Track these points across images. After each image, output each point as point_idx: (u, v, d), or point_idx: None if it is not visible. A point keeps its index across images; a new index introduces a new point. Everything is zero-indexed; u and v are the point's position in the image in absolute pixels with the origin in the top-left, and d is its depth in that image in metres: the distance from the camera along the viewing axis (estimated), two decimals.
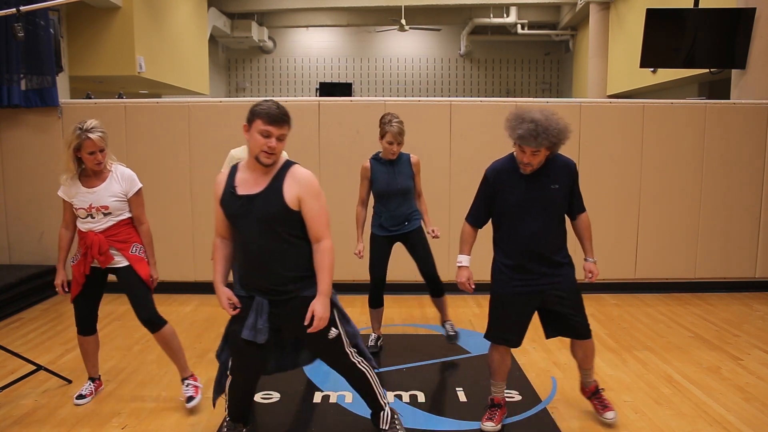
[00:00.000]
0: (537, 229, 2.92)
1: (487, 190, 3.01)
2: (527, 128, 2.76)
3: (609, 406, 3.17)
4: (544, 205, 2.93)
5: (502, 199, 2.96)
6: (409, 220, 4.03)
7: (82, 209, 3.21)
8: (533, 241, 2.93)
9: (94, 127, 3.13)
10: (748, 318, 5.08)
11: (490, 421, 3.09)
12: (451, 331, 4.23)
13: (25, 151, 5.69)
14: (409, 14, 15.16)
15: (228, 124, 5.62)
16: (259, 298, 2.59)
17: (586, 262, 3.11)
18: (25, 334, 4.57)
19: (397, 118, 3.93)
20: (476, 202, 3.08)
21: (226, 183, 2.63)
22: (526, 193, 2.92)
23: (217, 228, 2.74)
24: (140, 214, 3.32)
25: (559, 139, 2.81)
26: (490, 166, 3.05)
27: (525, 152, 2.84)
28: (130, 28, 9.62)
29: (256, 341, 2.57)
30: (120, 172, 3.28)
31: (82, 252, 3.23)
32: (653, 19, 6.88)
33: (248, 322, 2.57)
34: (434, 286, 4.13)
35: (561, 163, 2.98)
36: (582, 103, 5.76)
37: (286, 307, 2.60)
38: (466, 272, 3.08)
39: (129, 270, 3.25)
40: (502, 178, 2.97)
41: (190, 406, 3.27)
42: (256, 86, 18.57)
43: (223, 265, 2.73)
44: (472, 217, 3.10)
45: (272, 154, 2.50)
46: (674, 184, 5.80)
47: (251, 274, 2.61)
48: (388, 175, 3.97)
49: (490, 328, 3.09)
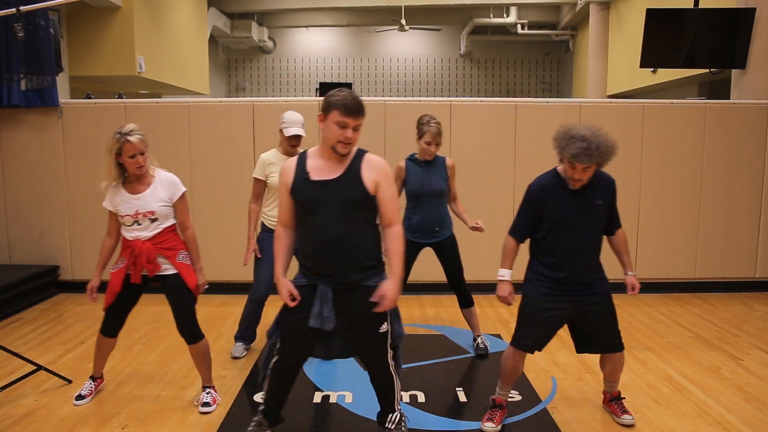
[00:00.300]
0: (579, 243, 2.96)
1: (532, 205, 3.04)
2: (580, 147, 2.80)
3: (628, 411, 3.18)
4: (587, 220, 2.97)
5: (546, 213, 2.99)
6: (441, 225, 3.99)
7: (128, 216, 3.16)
8: (575, 255, 2.96)
9: (133, 130, 3.09)
10: (748, 318, 5.08)
11: (491, 421, 3.09)
12: (482, 347, 4.16)
13: (25, 151, 5.69)
14: (409, 14, 15.16)
15: (228, 124, 5.62)
16: (323, 287, 2.60)
17: (628, 276, 3.12)
18: (25, 334, 4.57)
19: (435, 119, 3.92)
20: (520, 216, 3.10)
21: (297, 170, 2.63)
22: (571, 208, 2.95)
23: (282, 217, 2.72)
24: (185, 219, 3.29)
25: (609, 155, 2.85)
26: (534, 182, 3.08)
27: (576, 169, 2.87)
28: (130, 28, 9.62)
29: (324, 329, 2.59)
30: (164, 177, 3.25)
31: (128, 261, 3.17)
32: (653, 19, 6.88)
33: (314, 311, 2.58)
34: (463, 296, 4.12)
35: (603, 180, 3.02)
36: (582, 103, 5.76)
37: (350, 295, 2.62)
38: (507, 286, 3.08)
39: (177, 279, 3.21)
40: (548, 193, 3.00)
41: (203, 411, 3.27)
42: (256, 86, 18.57)
43: (286, 255, 2.73)
44: (516, 232, 3.12)
45: (349, 144, 2.53)
46: (674, 184, 5.80)
47: (321, 260, 2.61)
48: (422, 175, 3.95)
49: (518, 333, 3.08)
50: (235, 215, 5.47)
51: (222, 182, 5.63)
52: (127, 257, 3.19)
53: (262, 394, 2.88)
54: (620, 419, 3.15)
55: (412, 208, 4.02)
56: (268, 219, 4.03)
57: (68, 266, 5.76)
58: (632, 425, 3.13)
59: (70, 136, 5.68)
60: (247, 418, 3.23)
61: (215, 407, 3.33)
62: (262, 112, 5.62)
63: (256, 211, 4.03)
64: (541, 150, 5.75)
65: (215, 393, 3.41)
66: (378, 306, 2.56)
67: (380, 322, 2.66)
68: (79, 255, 5.74)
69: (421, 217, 3.97)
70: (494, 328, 4.71)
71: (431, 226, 3.98)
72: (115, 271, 3.22)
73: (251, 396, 3.48)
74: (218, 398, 3.40)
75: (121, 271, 3.20)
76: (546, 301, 2.98)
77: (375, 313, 2.60)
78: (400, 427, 2.89)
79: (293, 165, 2.66)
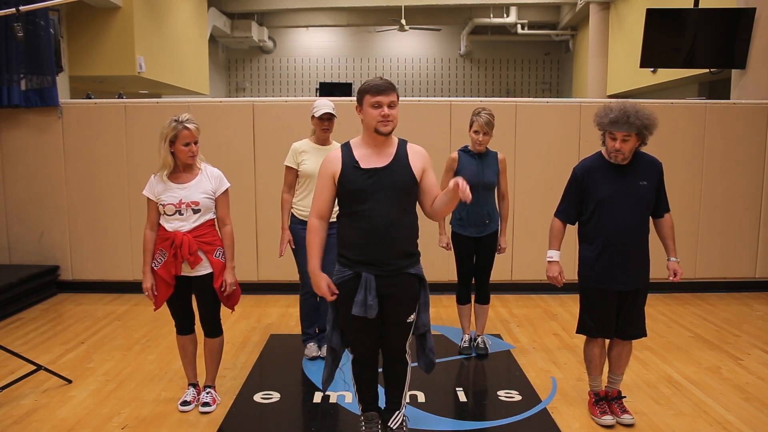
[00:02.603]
0: (626, 223, 3.00)
1: (577, 187, 3.09)
2: (618, 112, 2.88)
3: (628, 411, 3.19)
4: (633, 200, 3.01)
5: (592, 194, 3.04)
6: (490, 218, 4.00)
7: (170, 205, 3.12)
8: (622, 235, 3.01)
9: (189, 119, 3.12)
10: (748, 318, 5.08)
11: (606, 414, 3.14)
12: (482, 347, 4.18)
13: (25, 151, 5.69)
14: (409, 14, 15.16)
15: (228, 124, 5.62)
16: (366, 274, 2.63)
17: (670, 262, 3.16)
18: (25, 334, 4.57)
19: (487, 109, 3.93)
20: (566, 198, 3.17)
21: (344, 159, 2.66)
22: (616, 188, 3.00)
23: (320, 208, 2.71)
24: (225, 214, 3.28)
25: (649, 122, 2.90)
26: (579, 164, 3.14)
27: (616, 138, 2.92)
28: (130, 28, 9.63)
29: (367, 316, 2.63)
30: (209, 171, 3.26)
31: (170, 253, 3.11)
32: (653, 19, 6.88)
33: (358, 299, 2.62)
34: (483, 292, 4.13)
35: (647, 161, 3.08)
36: (582, 103, 5.76)
37: (392, 281, 2.66)
38: (556, 267, 3.18)
39: (209, 278, 3.19)
40: (592, 174, 3.05)
41: (203, 411, 3.27)
42: (256, 86, 18.58)
43: (321, 248, 2.73)
44: (563, 214, 3.18)
45: (389, 121, 2.59)
46: (674, 184, 5.78)
47: (368, 248, 2.64)
48: (475, 167, 3.95)
49: (588, 322, 3.14)
50: (235, 215, 5.42)
51: None
52: (167, 249, 3.13)
53: (356, 394, 2.94)
54: (620, 419, 3.15)
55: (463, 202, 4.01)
56: (298, 209, 3.94)
57: (68, 266, 5.76)
58: (632, 425, 3.13)
59: (70, 136, 5.68)
60: (247, 418, 3.24)
61: (215, 407, 3.33)
62: (262, 112, 5.62)
63: (289, 201, 3.96)
64: (541, 150, 5.77)
65: (215, 393, 3.41)
66: (459, 187, 2.49)
67: (411, 312, 2.74)
68: (78, 255, 5.74)
69: (471, 210, 3.95)
70: (494, 328, 4.72)
71: (482, 219, 3.98)
72: (161, 267, 3.14)
73: (251, 396, 3.48)
74: (218, 398, 3.40)
75: (168, 263, 3.12)
76: (605, 287, 3.04)
77: (410, 302, 2.71)
78: (402, 428, 2.90)
79: (338, 155, 2.69)
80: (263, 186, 5.59)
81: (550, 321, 4.96)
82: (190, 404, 3.32)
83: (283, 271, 5.57)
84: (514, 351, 4.26)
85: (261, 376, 3.83)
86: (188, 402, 3.33)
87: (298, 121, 5.49)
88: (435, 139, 5.60)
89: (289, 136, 5.48)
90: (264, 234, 5.64)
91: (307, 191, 3.85)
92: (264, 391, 3.53)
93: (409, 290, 2.71)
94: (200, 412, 3.28)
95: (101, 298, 5.59)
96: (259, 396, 3.47)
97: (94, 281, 5.77)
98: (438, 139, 5.56)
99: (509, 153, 5.65)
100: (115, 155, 5.65)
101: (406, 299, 2.71)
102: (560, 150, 5.62)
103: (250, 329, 4.71)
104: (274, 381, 3.72)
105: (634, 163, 3.03)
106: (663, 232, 3.17)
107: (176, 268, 3.14)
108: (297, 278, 4.01)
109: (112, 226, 5.68)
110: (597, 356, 3.19)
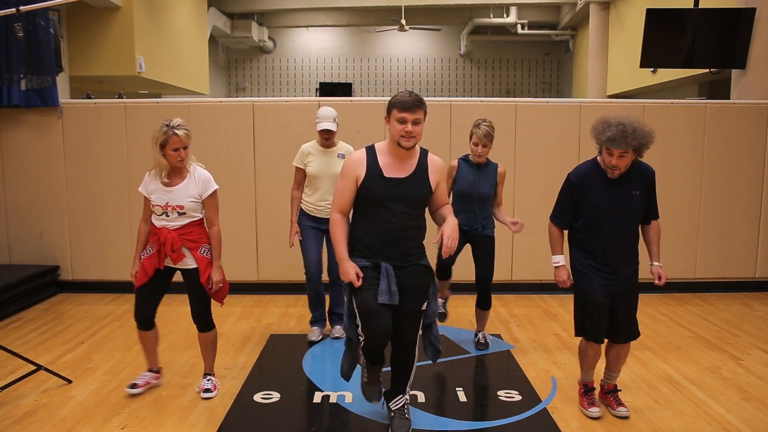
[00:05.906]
0: (617, 231, 3.07)
1: (572, 193, 3.14)
2: (616, 130, 2.89)
3: (623, 404, 3.25)
4: (625, 209, 3.07)
5: (585, 202, 3.09)
6: (484, 227, 4.07)
7: (158, 206, 3.30)
8: (613, 243, 3.07)
9: (180, 124, 3.23)
10: (748, 318, 5.09)
11: (593, 406, 3.21)
12: (483, 342, 4.27)
13: (25, 151, 5.69)
14: (409, 14, 15.16)
15: (228, 124, 5.62)
16: (385, 264, 2.80)
17: (654, 266, 3.20)
18: (25, 334, 4.57)
19: (487, 121, 3.98)
20: (561, 204, 3.21)
21: (370, 166, 2.81)
22: (610, 197, 3.05)
23: (341, 204, 2.88)
24: (212, 216, 3.40)
25: (646, 140, 2.93)
26: (573, 171, 3.17)
27: (613, 155, 2.95)
28: (130, 28, 9.62)
29: (393, 303, 2.77)
30: (198, 174, 3.35)
31: (155, 248, 3.31)
32: (653, 19, 6.88)
33: (382, 288, 2.77)
34: (484, 297, 4.17)
35: (641, 170, 3.10)
36: (582, 103, 5.76)
37: (407, 271, 2.85)
38: (564, 271, 3.24)
39: (196, 273, 3.35)
40: (587, 182, 3.09)
41: (204, 396, 3.43)
42: (256, 86, 18.57)
43: (346, 237, 2.89)
44: (558, 219, 3.23)
45: (412, 137, 2.75)
46: (674, 184, 5.79)
47: (386, 245, 2.82)
48: (472, 177, 4.01)
49: (584, 326, 3.17)
50: (235, 215, 5.48)
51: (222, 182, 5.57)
52: (155, 243, 3.31)
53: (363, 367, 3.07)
54: (615, 411, 3.21)
55: (458, 208, 4.03)
56: (306, 204, 4.29)
57: (68, 266, 5.76)
58: (627, 417, 3.18)
59: (70, 136, 5.67)
60: (247, 418, 3.24)
61: (216, 393, 3.46)
62: (262, 112, 5.62)
63: (297, 197, 4.33)
64: (541, 150, 5.77)
65: (215, 380, 3.55)
66: (444, 249, 2.74)
67: (425, 300, 2.92)
68: (78, 255, 5.74)
69: (465, 217, 4.01)
70: (494, 328, 4.72)
71: (475, 227, 4.05)
72: (147, 257, 3.35)
73: (251, 396, 3.48)
74: (218, 384, 3.54)
75: (153, 256, 3.32)
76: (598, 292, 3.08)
77: (424, 290, 2.89)
78: (402, 412, 2.98)
79: (363, 159, 2.83)
80: (263, 186, 5.59)
81: (550, 321, 4.96)
82: (138, 388, 3.46)
83: (283, 271, 5.57)
84: (514, 351, 4.26)
85: (261, 376, 3.84)
86: (137, 385, 3.47)
87: (298, 121, 5.49)
88: (435, 139, 5.60)
89: (289, 136, 5.50)
90: (264, 234, 5.64)
91: (313, 189, 4.25)
92: (264, 391, 3.53)
93: (422, 279, 2.89)
94: (202, 398, 3.42)
95: (101, 298, 5.59)
96: (259, 396, 3.48)
97: (94, 281, 5.77)
98: (438, 139, 5.56)
99: (509, 153, 5.66)
100: (115, 155, 5.65)
101: (420, 288, 2.89)
102: (560, 150, 5.62)
103: (250, 329, 4.71)
104: (274, 381, 3.72)
105: (628, 172, 3.05)
106: (649, 237, 3.22)
107: (159, 263, 3.31)
108: (297, 278, 4.05)
109: (111, 226, 5.68)
110: (591, 356, 3.24)
